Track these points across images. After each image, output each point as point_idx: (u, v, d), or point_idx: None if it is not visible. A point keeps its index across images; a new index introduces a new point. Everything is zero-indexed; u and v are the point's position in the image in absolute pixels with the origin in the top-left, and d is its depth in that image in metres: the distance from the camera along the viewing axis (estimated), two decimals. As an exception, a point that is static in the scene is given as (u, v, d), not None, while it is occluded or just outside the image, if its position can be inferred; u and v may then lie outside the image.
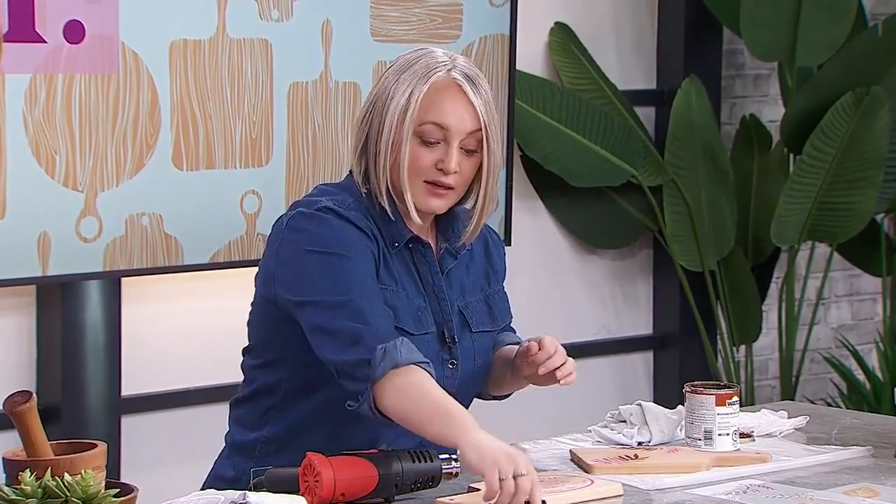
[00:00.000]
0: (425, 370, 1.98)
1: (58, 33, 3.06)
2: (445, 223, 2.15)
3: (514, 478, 1.86)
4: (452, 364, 2.12)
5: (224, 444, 2.21)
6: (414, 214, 2.07)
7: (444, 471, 2.00)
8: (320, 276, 2.01)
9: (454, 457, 2.00)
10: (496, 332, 2.19)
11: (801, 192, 4.03)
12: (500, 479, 1.86)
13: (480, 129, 2.07)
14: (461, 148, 2.07)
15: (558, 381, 2.09)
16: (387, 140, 2.06)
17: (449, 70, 2.07)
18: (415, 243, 2.12)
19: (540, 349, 2.08)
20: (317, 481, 1.91)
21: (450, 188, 2.07)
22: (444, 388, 2.01)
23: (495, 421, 2.68)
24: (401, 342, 1.99)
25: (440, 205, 2.08)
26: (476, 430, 1.92)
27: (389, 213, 2.09)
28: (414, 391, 1.95)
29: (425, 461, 1.97)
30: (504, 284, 2.25)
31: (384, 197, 2.08)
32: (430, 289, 2.11)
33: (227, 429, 2.21)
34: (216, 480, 2.16)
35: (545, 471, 2.13)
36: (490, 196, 2.10)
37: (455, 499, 1.98)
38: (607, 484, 2.06)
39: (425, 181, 2.06)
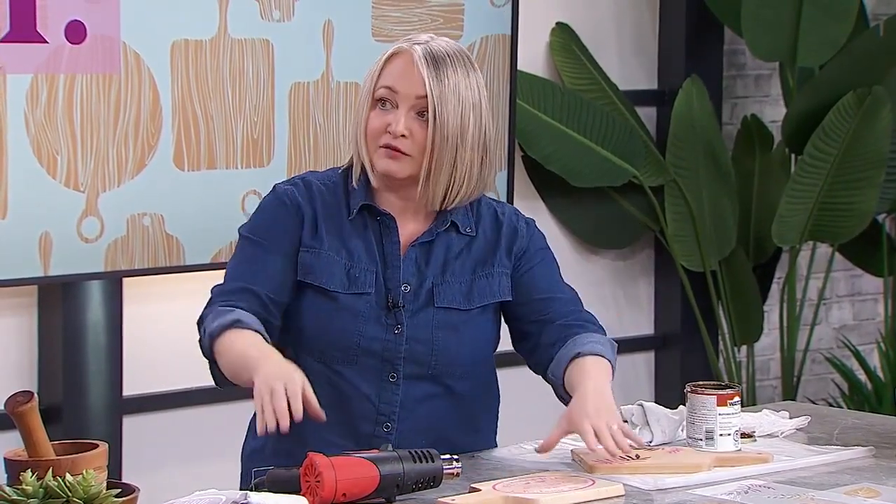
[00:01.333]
0: (236, 328, 2.11)
1: (59, 33, 3.06)
2: (450, 208, 2.23)
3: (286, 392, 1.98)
4: (397, 329, 2.19)
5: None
6: (372, 177, 2.20)
7: (445, 471, 2.02)
8: (233, 255, 2.25)
9: (455, 457, 2.04)
10: (469, 311, 2.22)
11: (803, 193, 4.02)
12: (267, 396, 1.98)
13: (426, 96, 2.15)
14: (417, 115, 2.17)
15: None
16: (358, 109, 2.21)
17: (413, 45, 2.19)
18: (380, 215, 2.22)
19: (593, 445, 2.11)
20: (318, 482, 1.92)
21: (402, 152, 2.17)
22: (390, 352, 2.17)
23: (500, 421, 2.68)
24: (214, 312, 2.15)
25: (394, 167, 2.18)
26: (265, 363, 2.03)
27: (355, 182, 2.21)
28: (225, 354, 2.12)
29: (426, 461, 1.99)
30: (540, 261, 2.29)
31: (357, 167, 2.22)
32: (385, 258, 2.21)
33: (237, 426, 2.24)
34: (252, 455, 2.23)
35: (547, 471, 2.14)
36: (438, 164, 2.17)
37: (456, 499, 1.98)
38: (608, 484, 2.06)
39: (381, 146, 2.18)
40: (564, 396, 2.23)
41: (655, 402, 2.36)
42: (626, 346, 4.30)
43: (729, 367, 4.22)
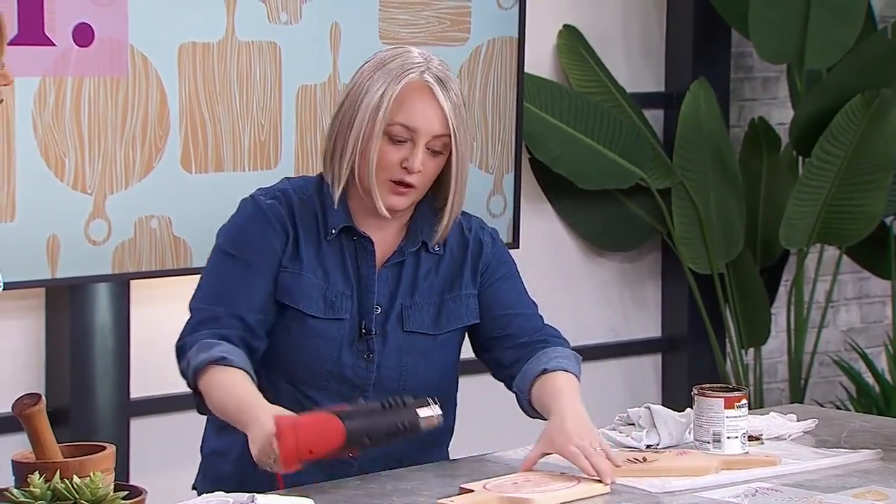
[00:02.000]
0: (222, 364, 2.08)
1: (67, 36, 3.06)
2: (416, 224, 2.20)
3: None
4: (367, 356, 2.18)
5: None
6: (382, 209, 2.15)
7: (422, 418, 2.00)
8: (212, 270, 2.19)
9: (430, 399, 2.03)
10: (438, 336, 2.20)
11: (810, 195, 4.02)
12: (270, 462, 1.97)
13: (448, 134, 2.13)
14: (427, 149, 2.14)
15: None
16: (356, 135, 2.14)
17: (422, 72, 2.14)
18: (358, 236, 2.18)
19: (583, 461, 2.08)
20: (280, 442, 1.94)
21: (411, 187, 2.14)
22: (360, 378, 2.15)
23: (507, 424, 2.69)
24: (199, 344, 2.11)
25: (401, 202, 2.15)
26: (249, 420, 2.01)
27: (335, 202, 2.16)
28: (213, 394, 2.10)
29: (396, 407, 1.98)
30: (503, 275, 2.25)
31: (338, 187, 2.16)
32: (360, 281, 2.17)
33: None
34: (213, 455, 2.24)
35: (534, 470, 2.14)
36: (459, 196, 2.18)
37: (455, 500, 1.99)
38: (593, 483, 2.07)
39: (390, 179, 2.13)
40: (529, 410, 2.22)
41: (662, 405, 2.35)
42: (633, 348, 4.30)
43: (736, 369, 4.21)
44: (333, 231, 2.17)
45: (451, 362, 2.26)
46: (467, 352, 2.34)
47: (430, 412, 2.02)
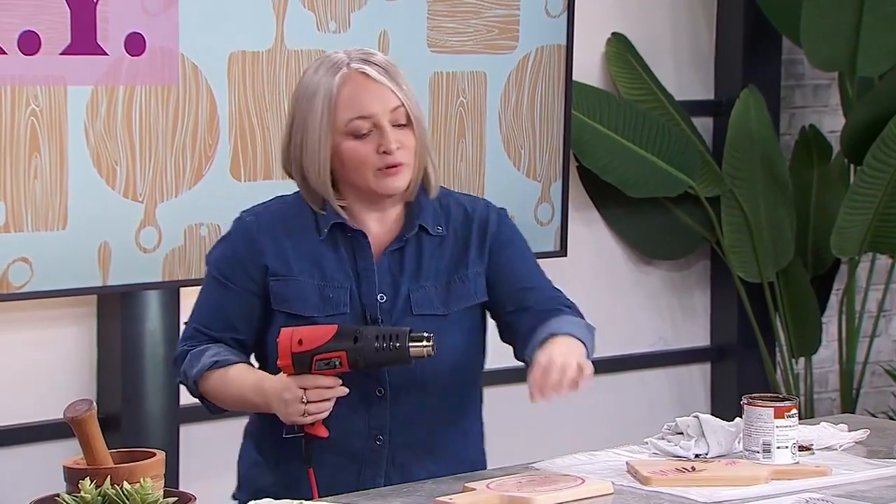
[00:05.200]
0: (217, 368, 2.17)
1: (119, 46, 3.09)
2: (412, 209, 2.22)
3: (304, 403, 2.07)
4: None
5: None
6: (386, 193, 2.16)
7: (412, 346, 2.06)
8: (201, 291, 2.28)
9: (425, 333, 2.07)
10: (448, 315, 2.20)
11: (862, 204, 3.98)
12: (299, 410, 2.07)
13: (402, 104, 2.16)
14: (393, 125, 2.16)
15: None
16: (317, 151, 2.16)
17: (348, 64, 2.16)
18: (351, 231, 2.20)
19: (537, 375, 2.06)
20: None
21: (401, 164, 2.16)
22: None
23: (551, 432, 2.68)
24: (190, 357, 2.20)
25: (399, 181, 2.17)
26: (266, 391, 2.10)
27: (320, 205, 2.19)
28: (219, 395, 2.20)
29: (391, 341, 2.05)
30: (513, 251, 2.25)
31: (317, 192, 2.18)
32: (359, 273, 2.19)
33: None
34: (253, 467, 2.28)
35: (538, 470, 2.15)
36: (423, 161, 2.19)
37: (454, 498, 1.99)
38: (598, 483, 2.07)
39: (378, 169, 2.16)
40: None
41: (712, 414, 2.34)
42: (682, 357, 4.28)
43: (786, 379, 4.18)
44: (325, 230, 2.19)
45: (469, 345, 2.24)
46: (493, 362, 2.33)
47: (420, 349, 2.07)
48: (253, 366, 2.22)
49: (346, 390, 2.11)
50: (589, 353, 2.15)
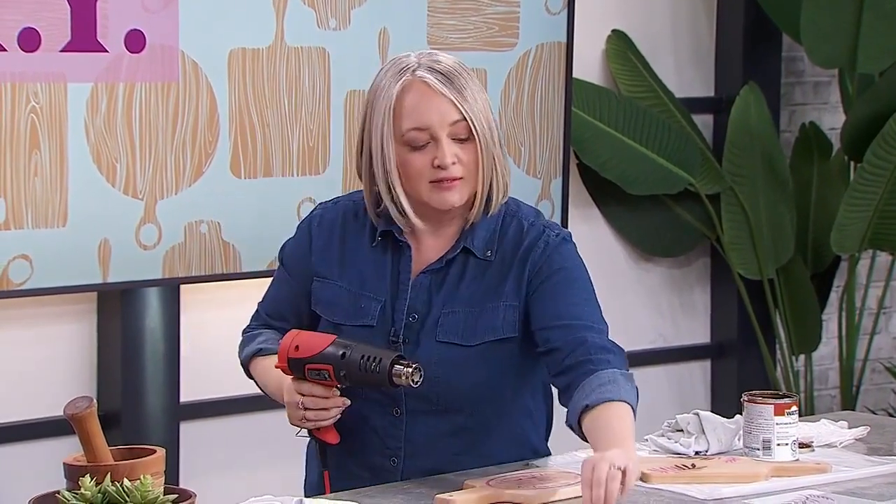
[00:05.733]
0: (260, 356, 2.23)
1: (119, 43, 3.09)
2: (465, 230, 2.15)
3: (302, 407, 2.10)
4: None
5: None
6: (440, 207, 2.10)
7: (394, 373, 2.06)
8: (276, 271, 2.30)
9: (412, 362, 2.05)
10: (472, 348, 2.11)
11: (862, 201, 3.98)
12: (298, 414, 2.11)
13: (463, 117, 2.07)
14: (452, 139, 2.08)
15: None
16: (379, 163, 2.11)
17: (413, 71, 2.09)
18: (400, 243, 2.16)
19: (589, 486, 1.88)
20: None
21: (456, 179, 2.08)
22: (392, 389, 2.10)
23: (555, 430, 2.67)
24: (245, 339, 2.27)
25: (455, 197, 2.09)
26: (288, 387, 2.13)
27: (376, 210, 2.15)
28: (260, 381, 2.26)
29: (374, 365, 2.06)
30: (555, 283, 2.11)
31: (374, 196, 2.15)
32: (397, 287, 2.15)
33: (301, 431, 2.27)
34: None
35: (538, 467, 2.15)
36: (488, 180, 2.10)
37: (454, 495, 1.99)
38: None
39: (430, 182, 2.09)
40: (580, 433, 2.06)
41: (712, 412, 2.34)
42: (682, 354, 4.28)
43: (787, 376, 4.18)
44: (379, 238, 2.17)
45: (494, 380, 2.13)
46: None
47: (402, 378, 2.04)
48: None
49: (346, 402, 2.09)
50: (634, 408, 2.00)
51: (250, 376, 2.28)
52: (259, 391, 2.30)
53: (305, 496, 2.23)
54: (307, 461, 2.29)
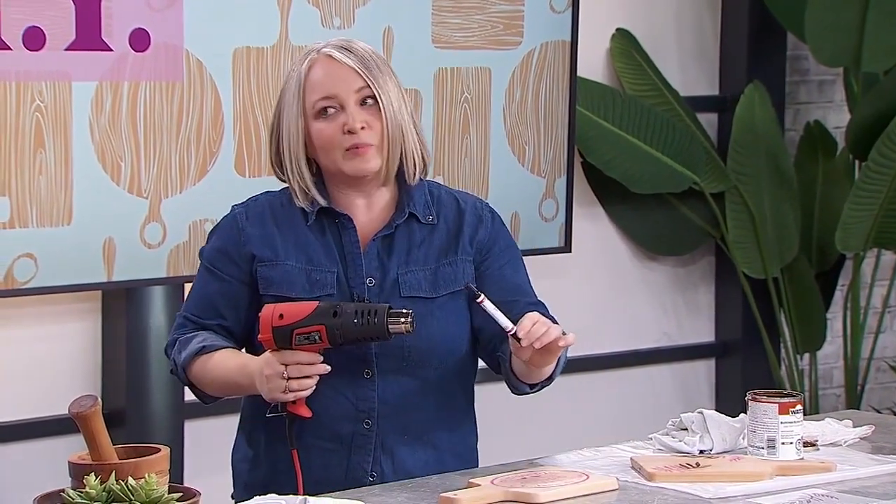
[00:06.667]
0: (204, 353, 2.20)
1: (124, 41, 3.09)
2: (403, 197, 2.24)
3: (287, 379, 2.10)
4: None
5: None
6: (355, 174, 2.17)
7: (391, 325, 2.08)
8: (197, 276, 2.31)
9: (404, 310, 2.10)
10: (435, 299, 2.21)
11: (867, 199, 3.98)
12: (280, 386, 2.10)
13: (367, 85, 2.17)
14: (360, 106, 2.18)
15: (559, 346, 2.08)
16: (291, 134, 2.19)
17: (319, 50, 2.20)
18: (338, 216, 2.22)
19: (521, 338, 2.08)
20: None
21: (369, 145, 2.18)
22: (362, 350, 2.16)
23: (556, 428, 2.68)
24: (179, 343, 2.24)
25: (367, 163, 2.19)
26: (250, 370, 2.14)
27: (304, 196, 2.21)
28: (206, 380, 2.23)
29: (369, 317, 2.08)
30: (508, 261, 2.26)
31: (298, 180, 2.21)
32: (345, 258, 2.21)
33: None
34: (242, 462, 2.27)
35: (542, 466, 2.15)
36: (396, 145, 2.19)
37: (458, 494, 1.99)
38: (602, 479, 2.07)
39: (346, 149, 2.18)
40: (511, 376, 2.19)
41: (716, 410, 2.34)
42: (687, 353, 4.28)
43: (791, 375, 4.18)
44: (312, 216, 2.22)
45: (458, 329, 2.23)
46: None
47: (399, 325, 2.09)
48: (239, 350, 2.24)
49: (328, 368, 2.12)
50: (562, 356, 2.16)
51: (188, 381, 2.25)
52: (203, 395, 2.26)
53: (236, 486, 2.24)
54: (233, 451, 2.29)
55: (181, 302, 3.36)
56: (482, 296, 2.10)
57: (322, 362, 2.13)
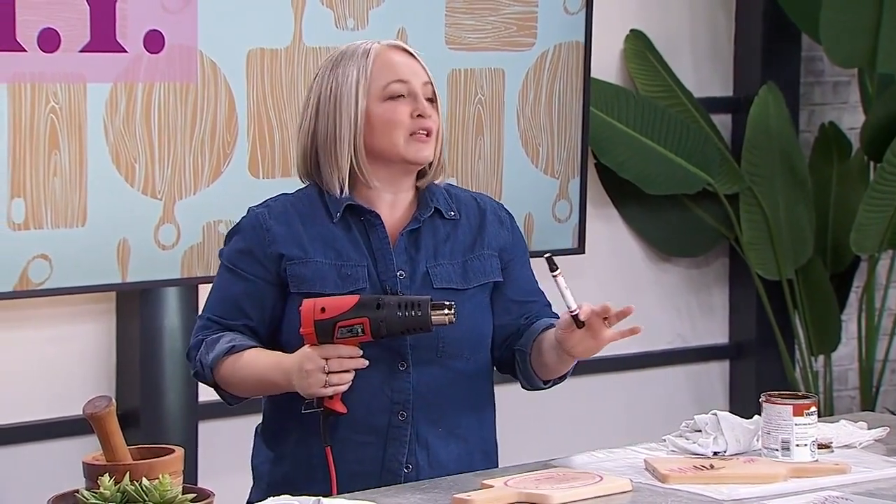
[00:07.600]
0: (233, 353, 2.19)
1: (138, 43, 3.10)
2: (425, 194, 2.27)
3: (326, 374, 2.09)
4: None
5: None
6: (414, 160, 2.20)
7: (434, 315, 2.10)
8: (215, 283, 2.29)
9: (446, 302, 2.12)
10: (466, 290, 2.23)
11: (882, 200, 3.97)
12: (320, 380, 2.09)
13: (430, 82, 2.25)
14: (425, 98, 2.23)
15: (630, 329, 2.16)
16: (350, 118, 2.20)
17: (379, 43, 2.25)
18: (365, 214, 2.22)
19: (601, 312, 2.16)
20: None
21: (430, 133, 2.22)
22: (394, 341, 2.16)
23: (570, 430, 2.68)
24: (205, 345, 2.22)
25: (426, 152, 2.22)
26: (286, 367, 2.13)
27: (337, 191, 2.22)
28: (236, 379, 2.21)
29: (413, 308, 2.09)
30: (522, 263, 2.31)
31: (340, 177, 2.21)
32: (374, 253, 2.22)
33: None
34: (263, 464, 2.28)
35: (556, 467, 2.15)
36: (441, 144, 2.25)
37: (472, 495, 1.99)
38: (616, 480, 2.07)
39: (410, 133, 2.20)
40: (529, 368, 2.24)
41: (730, 412, 2.34)
42: (701, 354, 4.27)
43: (806, 376, 4.17)
44: (337, 214, 2.22)
45: (485, 320, 2.26)
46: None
47: (442, 316, 2.10)
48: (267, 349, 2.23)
49: (367, 362, 2.13)
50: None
51: (215, 383, 2.24)
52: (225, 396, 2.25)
53: (257, 487, 2.24)
54: (253, 454, 2.29)
55: (195, 303, 3.37)
56: (559, 269, 2.12)
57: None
